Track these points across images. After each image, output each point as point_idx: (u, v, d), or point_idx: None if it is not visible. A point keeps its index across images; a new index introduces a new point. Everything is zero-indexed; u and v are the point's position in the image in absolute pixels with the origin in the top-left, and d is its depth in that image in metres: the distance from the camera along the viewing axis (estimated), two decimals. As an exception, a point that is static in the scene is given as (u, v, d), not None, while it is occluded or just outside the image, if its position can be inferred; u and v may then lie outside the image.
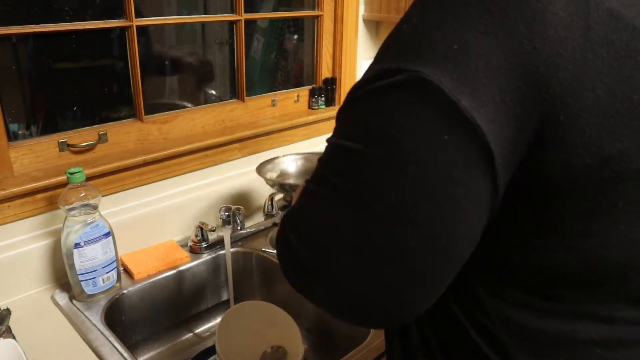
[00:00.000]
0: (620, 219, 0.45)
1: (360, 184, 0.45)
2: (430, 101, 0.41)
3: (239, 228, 1.21)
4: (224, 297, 1.18)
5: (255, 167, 1.19)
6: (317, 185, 0.50)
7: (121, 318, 1.01)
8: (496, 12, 0.41)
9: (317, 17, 1.46)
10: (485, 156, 0.42)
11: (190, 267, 1.11)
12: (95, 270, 0.96)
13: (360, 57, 1.55)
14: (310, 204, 0.50)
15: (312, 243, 0.49)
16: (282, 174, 1.25)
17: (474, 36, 0.41)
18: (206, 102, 1.31)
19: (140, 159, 1.10)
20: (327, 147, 0.50)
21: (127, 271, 1.07)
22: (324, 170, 0.50)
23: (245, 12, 1.28)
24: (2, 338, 0.83)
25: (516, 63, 0.41)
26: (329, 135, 0.51)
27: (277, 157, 1.26)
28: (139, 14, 1.09)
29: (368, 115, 0.45)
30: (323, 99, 1.48)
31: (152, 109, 1.18)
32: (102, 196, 1.00)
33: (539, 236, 0.46)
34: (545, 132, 0.42)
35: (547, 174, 0.43)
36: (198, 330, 1.16)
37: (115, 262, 1.00)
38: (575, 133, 0.42)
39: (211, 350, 1.07)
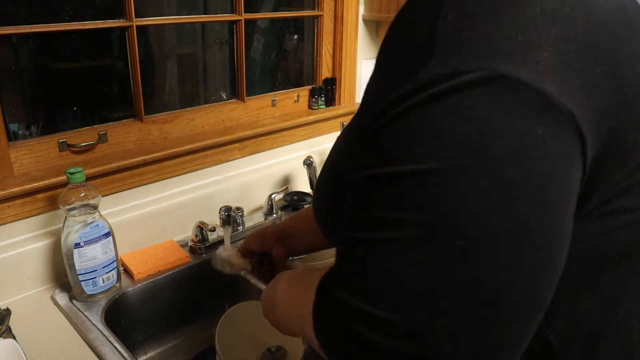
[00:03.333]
0: None
1: (453, 209, 0.37)
2: (513, 95, 0.37)
3: (239, 228, 1.21)
4: (224, 297, 1.18)
5: (255, 167, 1.19)
6: (381, 232, 0.40)
7: (121, 318, 1.01)
8: None
9: (317, 17, 1.46)
10: (578, 143, 0.39)
11: (190, 267, 1.11)
12: (95, 270, 0.96)
13: (360, 57, 1.55)
14: (384, 259, 0.39)
15: (410, 306, 0.38)
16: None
17: (533, 26, 0.39)
18: (206, 102, 1.31)
19: (140, 159, 1.10)
20: (369, 183, 0.42)
21: (127, 271, 1.07)
22: (381, 211, 0.40)
23: (245, 12, 1.28)
24: (2, 338, 0.83)
25: (583, 46, 0.40)
26: (362, 166, 0.42)
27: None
28: (139, 14, 1.09)
29: (438, 125, 0.38)
30: (323, 99, 1.48)
31: (152, 109, 1.18)
32: (102, 196, 1.00)
33: (588, 221, 0.44)
34: (620, 113, 0.42)
35: (616, 157, 0.43)
36: (198, 331, 1.16)
37: (115, 262, 1.00)
38: (638, 108, 0.43)
39: (211, 350, 1.06)
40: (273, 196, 1.26)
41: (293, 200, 1.36)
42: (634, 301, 0.49)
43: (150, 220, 1.14)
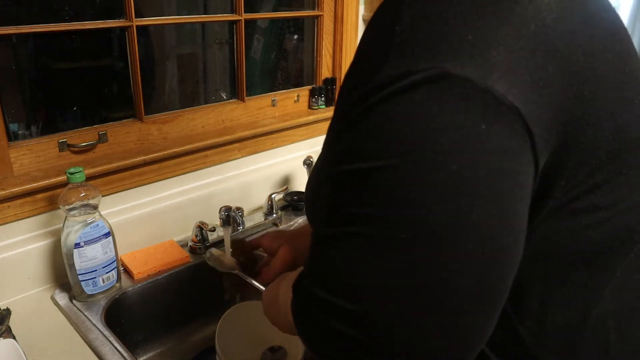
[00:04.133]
0: (625, 185, 0.47)
1: (401, 203, 0.39)
2: (460, 93, 0.39)
3: (239, 228, 1.21)
4: (224, 297, 1.18)
5: (255, 167, 1.18)
6: (342, 227, 0.42)
7: (121, 318, 1.01)
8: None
9: (317, 17, 1.46)
10: (527, 139, 0.40)
11: (190, 267, 1.11)
12: (95, 270, 0.96)
13: (360, 57, 1.55)
14: (344, 252, 0.42)
15: (366, 297, 0.40)
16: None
17: (486, 24, 0.40)
18: (206, 102, 1.31)
19: (140, 159, 1.10)
20: (334, 180, 0.45)
21: (127, 271, 1.07)
22: (343, 208, 0.43)
23: (245, 12, 1.28)
24: (2, 338, 0.83)
25: (537, 44, 0.41)
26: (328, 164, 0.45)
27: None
28: (139, 14, 1.09)
29: (389, 124, 0.40)
30: (323, 99, 1.48)
31: (152, 109, 1.18)
32: (102, 196, 1.00)
33: (558, 219, 0.46)
34: (576, 109, 0.43)
35: (575, 153, 0.44)
36: (198, 331, 1.16)
37: (115, 262, 1.00)
38: (597, 106, 0.44)
39: (211, 350, 1.06)
40: (273, 196, 1.26)
41: (293, 200, 1.36)
42: (610, 300, 0.50)
43: (150, 220, 1.14)
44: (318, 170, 0.62)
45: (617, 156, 0.46)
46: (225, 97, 1.36)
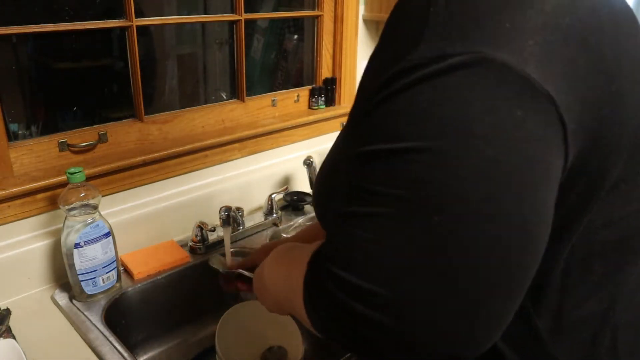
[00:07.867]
0: None
1: (433, 186, 0.39)
2: (497, 78, 0.38)
3: (239, 228, 1.21)
4: (224, 297, 1.18)
5: (255, 167, 1.18)
6: (369, 207, 0.41)
7: (121, 318, 1.01)
8: None
9: (317, 17, 1.46)
10: (560, 129, 0.40)
11: (190, 267, 1.11)
12: (95, 270, 0.96)
13: (360, 57, 1.55)
14: (371, 233, 0.41)
15: (393, 280, 0.39)
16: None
17: (521, 14, 0.40)
18: (206, 102, 1.31)
19: (140, 159, 1.10)
20: (359, 160, 0.44)
21: (127, 271, 1.07)
22: (371, 187, 0.42)
23: (245, 12, 1.28)
24: (2, 338, 0.83)
25: (570, 37, 0.41)
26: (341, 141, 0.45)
27: None
28: (139, 14, 1.09)
29: (423, 105, 0.40)
30: (323, 99, 1.48)
31: (152, 109, 1.18)
32: (102, 196, 1.00)
33: (576, 218, 0.46)
34: (605, 106, 0.43)
35: (601, 150, 0.43)
36: (198, 331, 1.16)
37: (115, 262, 1.00)
38: (624, 104, 0.44)
39: (211, 351, 1.06)
40: (273, 196, 1.26)
41: (293, 200, 1.36)
42: (622, 302, 0.50)
43: (150, 220, 1.14)
44: (333, 157, 0.61)
45: (636, 155, 0.46)
46: (225, 97, 1.36)
